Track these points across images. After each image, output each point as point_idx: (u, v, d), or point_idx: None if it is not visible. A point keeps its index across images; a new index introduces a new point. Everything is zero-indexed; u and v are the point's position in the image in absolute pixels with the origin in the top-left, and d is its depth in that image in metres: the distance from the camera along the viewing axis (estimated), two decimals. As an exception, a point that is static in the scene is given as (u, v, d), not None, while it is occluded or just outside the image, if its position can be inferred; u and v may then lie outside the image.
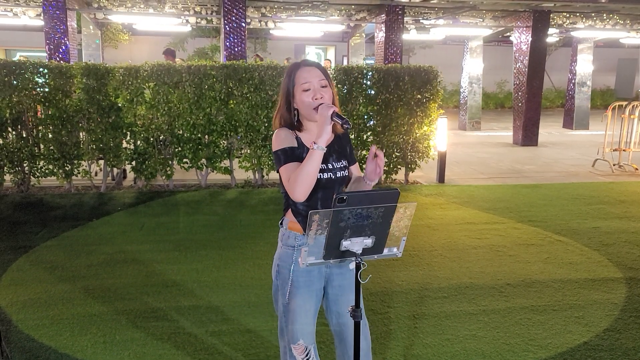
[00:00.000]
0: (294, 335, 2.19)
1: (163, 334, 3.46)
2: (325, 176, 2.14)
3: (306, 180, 2.00)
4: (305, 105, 2.13)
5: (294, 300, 2.18)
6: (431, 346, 3.37)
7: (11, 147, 6.88)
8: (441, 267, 4.68)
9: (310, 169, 2.00)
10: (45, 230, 5.53)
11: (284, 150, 2.11)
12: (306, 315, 2.19)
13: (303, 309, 2.18)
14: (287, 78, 2.19)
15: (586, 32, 14.17)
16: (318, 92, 2.13)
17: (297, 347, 2.20)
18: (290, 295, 2.19)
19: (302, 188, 2.01)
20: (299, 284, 2.18)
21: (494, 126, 16.16)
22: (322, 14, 12.35)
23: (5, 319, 3.63)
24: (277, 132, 2.17)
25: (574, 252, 5.09)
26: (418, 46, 21.86)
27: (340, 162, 2.21)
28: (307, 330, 2.20)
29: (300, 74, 2.16)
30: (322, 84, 2.14)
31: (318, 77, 2.14)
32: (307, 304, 2.19)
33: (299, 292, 2.18)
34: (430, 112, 7.80)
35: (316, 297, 2.23)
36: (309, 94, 2.12)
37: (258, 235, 5.50)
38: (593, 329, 3.60)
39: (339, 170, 2.19)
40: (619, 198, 7.20)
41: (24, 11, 11.83)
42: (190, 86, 7.03)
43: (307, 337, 2.20)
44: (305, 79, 2.14)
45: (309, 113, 2.13)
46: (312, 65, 2.19)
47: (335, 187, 2.18)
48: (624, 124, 9.31)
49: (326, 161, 2.16)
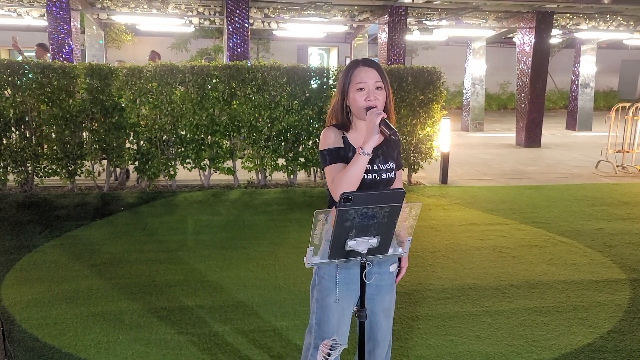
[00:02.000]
0: (328, 331, 2.18)
1: (166, 333, 3.46)
2: (370, 177, 2.14)
3: (350, 183, 2.01)
4: (358, 104, 2.13)
5: (331, 297, 2.17)
6: (434, 347, 3.36)
7: (14, 147, 6.89)
8: (444, 268, 4.68)
9: (354, 172, 2.01)
10: (48, 230, 5.54)
11: (329, 150, 2.12)
12: (343, 314, 2.19)
13: (341, 307, 2.18)
14: (344, 75, 2.18)
15: (589, 34, 14.15)
16: (372, 93, 2.12)
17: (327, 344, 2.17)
18: (329, 291, 2.17)
19: (345, 189, 2.00)
20: (339, 280, 2.17)
21: (496, 127, 16.15)
22: (325, 15, 12.35)
23: (9, 318, 3.63)
24: (325, 131, 2.17)
25: (578, 254, 5.08)
26: (421, 47, 21.85)
27: (387, 164, 2.20)
28: (344, 329, 2.20)
29: (358, 72, 2.14)
30: (377, 86, 2.13)
31: (374, 78, 2.13)
32: (344, 301, 2.18)
33: (339, 289, 2.17)
34: (433, 113, 7.79)
35: (354, 297, 2.21)
36: (363, 94, 2.12)
37: (261, 236, 5.50)
38: (597, 331, 3.59)
39: (385, 172, 2.17)
40: (623, 199, 7.18)
41: (27, 11, 11.87)
42: (194, 86, 7.04)
43: (342, 337, 2.20)
44: (362, 79, 2.13)
45: (360, 113, 2.13)
46: (371, 65, 2.17)
47: (380, 188, 2.17)
48: (627, 125, 9.29)
49: (372, 162, 2.15)
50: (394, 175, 2.22)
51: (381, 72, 2.17)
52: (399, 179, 2.31)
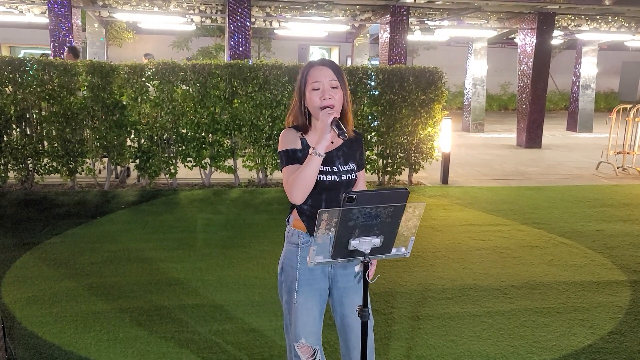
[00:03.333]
0: (296, 334, 2.19)
1: (167, 332, 3.46)
2: (329, 179, 2.13)
3: (302, 184, 2.01)
4: (313, 104, 2.11)
5: (297, 298, 2.17)
6: (435, 347, 3.36)
7: (15, 144, 6.89)
8: (445, 269, 4.68)
9: (307, 174, 2.00)
10: (48, 228, 5.54)
11: (286, 151, 2.12)
12: (308, 314, 2.18)
13: (305, 307, 2.17)
14: (300, 76, 2.16)
15: (591, 35, 14.15)
16: (327, 92, 2.10)
17: (300, 347, 2.19)
18: (292, 292, 2.18)
19: (298, 191, 2.01)
20: (301, 282, 2.17)
21: (497, 128, 16.14)
22: (327, 14, 12.35)
23: (9, 315, 3.63)
24: (283, 132, 2.17)
25: (578, 255, 5.08)
26: (422, 47, 21.84)
27: (347, 165, 2.18)
28: (310, 329, 2.19)
29: (313, 72, 2.13)
30: (332, 85, 2.11)
31: (329, 77, 2.11)
32: (309, 302, 2.18)
33: (301, 290, 2.17)
34: (434, 113, 7.79)
35: (320, 297, 2.21)
36: (318, 94, 2.10)
37: (262, 235, 5.50)
38: (597, 332, 3.59)
39: (345, 174, 2.16)
40: (623, 201, 7.18)
41: (29, 9, 11.85)
42: (195, 85, 7.04)
43: (310, 337, 2.19)
44: (316, 78, 2.11)
45: (317, 113, 2.11)
46: (326, 64, 2.15)
47: (341, 189, 2.16)
48: (628, 127, 9.29)
49: (332, 163, 2.14)
50: (354, 176, 2.20)
51: (337, 71, 2.14)
52: (361, 179, 2.29)
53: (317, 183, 2.09)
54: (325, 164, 2.11)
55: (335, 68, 2.15)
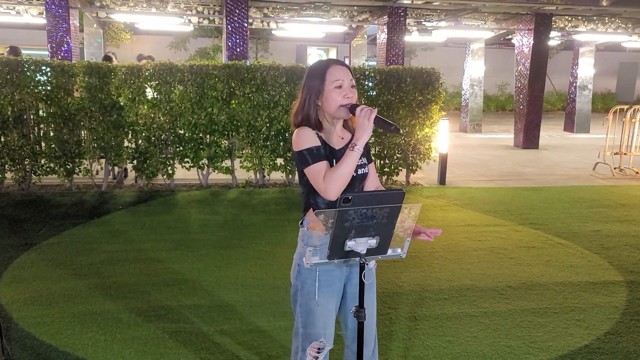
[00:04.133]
0: (316, 334, 2.18)
1: (164, 332, 3.46)
2: None
3: (342, 181, 2.02)
4: (335, 102, 2.13)
5: (315, 300, 2.17)
6: (432, 348, 3.37)
7: (13, 145, 6.88)
8: (442, 269, 4.69)
9: (347, 170, 2.02)
10: (46, 228, 5.53)
11: (310, 149, 2.10)
12: (329, 315, 2.19)
13: (326, 309, 2.18)
14: (318, 75, 2.17)
15: (588, 36, 14.19)
16: (349, 91, 2.15)
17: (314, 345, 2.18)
18: (312, 295, 2.17)
19: (337, 188, 2.02)
20: (321, 283, 2.17)
21: (495, 129, 16.17)
22: (324, 15, 12.35)
23: (6, 316, 3.63)
24: (300, 131, 2.16)
25: (575, 255, 5.09)
26: (420, 48, 21.87)
27: (360, 159, 2.20)
28: (330, 331, 2.21)
29: (334, 71, 2.16)
30: (352, 84, 2.17)
31: (349, 77, 2.17)
32: (329, 303, 2.19)
33: (322, 292, 2.17)
34: (431, 113, 7.81)
35: (337, 297, 2.23)
36: (340, 92, 2.13)
37: (259, 236, 5.50)
38: (594, 332, 3.60)
39: (360, 168, 2.19)
40: (620, 201, 7.20)
41: (26, 9, 11.84)
42: (192, 86, 7.04)
43: (329, 338, 2.20)
44: (338, 77, 2.14)
45: (337, 111, 2.14)
46: (345, 65, 2.21)
47: (356, 184, 2.19)
48: (624, 127, 9.31)
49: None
50: (367, 170, 2.25)
51: (352, 72, 2.23)
52: (373, 172, 2.33)
53: None
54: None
55: (350, 69, 2.24)
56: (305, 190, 2.18)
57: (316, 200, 2.17)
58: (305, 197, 2.22)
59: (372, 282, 2.29)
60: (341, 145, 2.19)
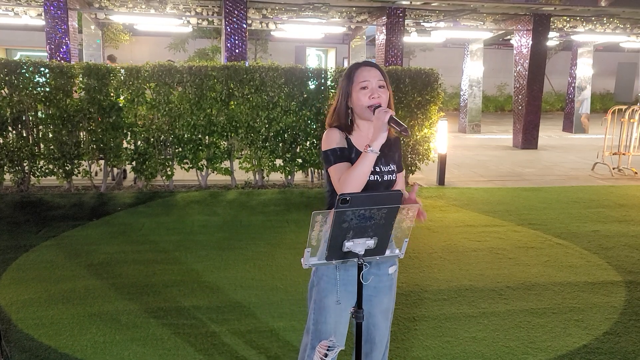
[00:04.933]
0: (327, 331, 2.17)
1: (163, 334, 3.46)
2: (372, 178, 2.14)
3: (357, 181, 2.02)
4: (361, 103, 2.14)
5: (329, 298, 2.17)
6: (431, 348, 3.37)
7: (11, 147, 6.88)
8: (441, 270, 4.69)
9: (361, 171, 2.02)
10: (45, 230, 5.53)
11: (333, 150, 2.12)
12: (342, 315, 2.18)
13: (339, 308, 2.17)
14: (346, 77, 2.20)
15: (586, 36, 14.20)
16: (375, 91, 2.13)
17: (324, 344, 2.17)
18: (327, 292, 2.17)
19: (351, 189, 2.02)
20: (340, 282, 2.17)
21: (494, 129, 16.18)
22: (323, 16, 12.36)
23: (5, 318, 3.63)
24: (328, 132, 2.18)
25: (574, 256, 5.10)
26: (418, 49, 21.89)
27: (389, 165, 2.20)
28: (342, 330, 2.20)
29: (360, 72, 2.17)
30: (380, 84, 2.15)
31: (377, 77, 2.15)
32: (344, 303, 2.18)
33: (340, 290, 2.17)
34: (430, 114, 7.81)
35: (353, 298, 2.19)
36: (366, 93, 2.13)
37: (258, 237, 5.50)
38: (593, 332, 3.61)
39: (387, 174, 2.18)
40: (619, 202, 7.21)
41: (25, 11, 11.84)
42: (191, 87, 7.04)
43: (340, 338, 2.19)
44: (365, 78, 2.15)
45: (363, 112, 2.15)
46: (373, 65, 2.20)
47: (381, 190, 2.17)
48: (623, 127, 9.33)
49: (375, 163, 2.14)
50: (395, 177, 2.23)
51: (382, 72, 2.20)
52: (400, 181, 2.31)
53: None
54: None
55: (381, 70, 2.21)
56: (330, 189, 2.20)
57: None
58: (330, 196, 2.24)
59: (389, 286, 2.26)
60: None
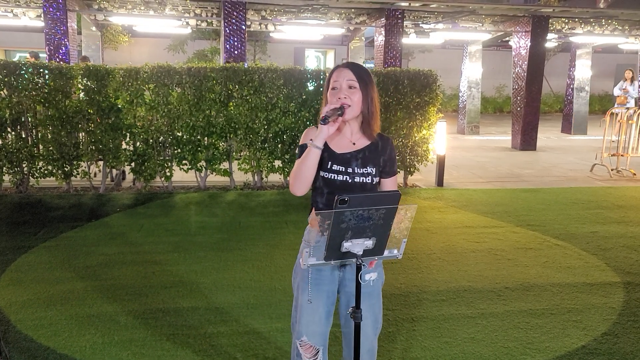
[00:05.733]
0: (299, 331, 2.21)
1: (162, 335, 3.46)
2: (341, 178, 2.15)
3: (300, 175, 2.07)
4: (330, 103, 2.16)
5: (302, 297, 2.21)
6: (429, 349, 3.37)
7: (10, 148, 6.88)
8: (440, 271, 4.69)
9: (303, 166, 2.06)
10: (44, 231, 5.53)
11: (301, 146, 2.19)
12: (313, 314, 2.19)
13: (310, 307, 2.19)
14: (327, 77, 2.24)
15: (585, 38, 14.23)
16: (343, 92, 2.14)
17: (303, 345, 2.20)
18: (300, 290, 2.22)
19: (297, 182, 2.09)
20: (309, 280, 2.20)
21: (492, 130, 16.20)
22: (322, 18, 12.38)
23: (4, 319, 3.62)
24: (306, 130, 2.25)
25: (572, 257, 5.10)
26: (417, 50, 21.91)
27: (365, 168, 2.19)
28: (314, 329, 2.20)
29: (334, 74, 2.19)
30: (350, 85, 2.15)
31: (347, 77, 2.15)
32: (315, 301, 2.20)
33: (310, 289, 2.20)
34: (429, 115, 7.82)
35: (327, 298, 2.22)
36: (335, 93, 2.15)
37: (257, 237, 5.51)
38: (591, 333, 3.61)
39: (359, 176, 2.17)
40: (617, 203, 7.22)
41: (24, 12, 11.84)
42: (190, 88, 7.05)
43: (313, 337, 2.20)
44: (335, 79, 2.17)
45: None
46: (347, 66, 2.20)
47: (355, 191, 2.17)
48: (622, 129, 9.34)
49: (347, 164, 2.17)
50: (371, 180, 2.19)
51: (358, 72, 2.16)
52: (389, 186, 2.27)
53: (330, 182, 2.16)
54: (341, 163, 2.16)
55: (356, 70, 2.18)
56: (311, 188, 2.23)
57: (316, 199, 2.23)
58: (312, 194, 2.28)
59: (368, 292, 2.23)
60: (346, 150, 2.19)
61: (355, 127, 2.23)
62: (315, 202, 2.23)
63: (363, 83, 2.16)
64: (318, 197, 2.22)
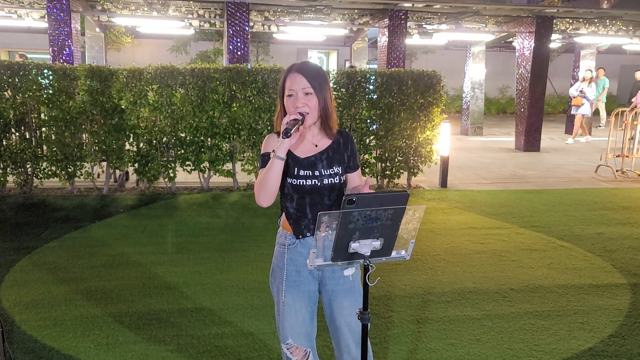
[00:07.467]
0: (284, 335, 2.20)
1: (166, 336, 3.45)
2: (310, 183, 2.14)
3: (264, 187, 2.04)
4: (289, 111, 2.12)
5: (284, 299, 2.19)
6: (435, 351, 3.35)
7: (14, 148, 6.88)
8: (444, 272, 4.67)
9: (268, 177, 2.03)
10: (47, 232, 5.53)
11: (263, 155, 2.17)
12: (296, 316, 2.18)
13: (292, 309, 2.18)
14: (280, 82, 2.19)
15: (589, 38, 14.19)
16: (300, 100, 2.10)
17: (289, 347, 2.19)
18: (281, 293, 2.20)
19: (261, 193, 2.06)
20: (288, 283, 2.19)
21: (496, 131, 16.16)
22: (325, 18, 12.37)
23: (8, 319, 3.62)
24: (266, 137, 2.21)
25: (578, 258, 5.08)
26: (420, 51, 21.89)
27: (331, 169, 2.19)
28: (299, 330, 2.19)
29: (288, 79, 2.14)
30: (306, 91, 2.11)
31: (301, 84, 2.10)
32: (296, 303, 2.18)
33: (289, 292, 2.19)
34: (433, 116, 7.80)
35: (309, 299, 2.21)
36: (291, 101, 2.12)
37: (260, 238, 5.49)
38: (597, 335, 3.59)
39: (327, 177, 2.16)
40: (622, 204, 7.18)
41: (28, 13, 11.86)
42: (194, 89, 7.04)
43: (298, 338, 2.19)
44: (290, 86, 2.13)
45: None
46: (300, 71, 2.13)
47: (324, 193, 2.18)
48: (626, 130, 9.30)
49: (313, 168, 2.16)
50: (338, 179, 2.19)
51: (311, 76, 2.12)
52: (355, 179, 2.28)
53: (298, 187, 2.14)
54: (307, 168, 2.14)
55: (310, 74, 2.12)
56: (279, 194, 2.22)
57: (285, 204, 2.23)
58: (280, 198, 2.28)
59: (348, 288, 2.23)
60: (310, 154, 2.18)
61: (315, 129, 2.22)
62: (286, 207, 2.22)
63: (318, 87, 2.12)
64: (287, 202, 2.21)
